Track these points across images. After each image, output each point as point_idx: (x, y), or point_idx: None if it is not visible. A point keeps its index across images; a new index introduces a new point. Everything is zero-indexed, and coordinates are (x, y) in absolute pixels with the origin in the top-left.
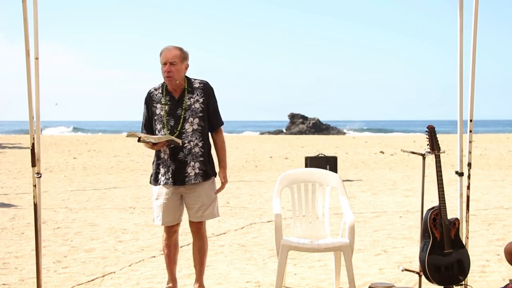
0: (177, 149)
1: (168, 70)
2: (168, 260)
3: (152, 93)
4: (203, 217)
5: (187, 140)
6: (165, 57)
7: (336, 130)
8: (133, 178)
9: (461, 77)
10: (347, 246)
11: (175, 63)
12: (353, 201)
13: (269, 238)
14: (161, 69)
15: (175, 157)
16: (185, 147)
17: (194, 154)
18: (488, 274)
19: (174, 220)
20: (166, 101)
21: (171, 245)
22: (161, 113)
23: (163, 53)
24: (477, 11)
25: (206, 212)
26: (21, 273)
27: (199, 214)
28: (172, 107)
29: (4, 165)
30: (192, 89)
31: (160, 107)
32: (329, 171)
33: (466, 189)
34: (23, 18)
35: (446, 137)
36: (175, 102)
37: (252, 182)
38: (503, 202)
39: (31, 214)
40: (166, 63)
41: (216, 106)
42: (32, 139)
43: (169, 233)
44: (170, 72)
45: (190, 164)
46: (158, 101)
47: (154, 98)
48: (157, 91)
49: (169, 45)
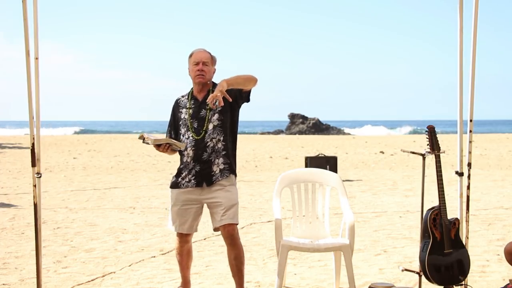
0: (200, 150)
1: (201, 68)
2: (181, 266)
3: (179, 99)
4: (222, 221)
5: (209, 139)
6: (198, 57)
7: (336, 130)
8: (133, 178)
9: (461, 77)
10: (347, 246)
11: (207, 63)
12: (353, 201)
13: (269, 238)
14: (190, 70)
15: (199, 158)
16: (208, 145)
17: (217, 151)
18: (488, 274)
19: (190, 228)
20: (190, 105)
21: (183, 254)
22: (185, 116)
23: (195, 54)
24: (477, 11)
25: (225, 215)
26: (21, 273)
27: (218, 217)
28: (196, 109)
29: (4, 165)
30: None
31: (185, 112)
32: (329, 171)
33: (466, 189)
34: (23, 18)
35: (446, 137)
36: (199, 104)
37: (252, 182)
38: (503, 202)
39: (31, 214)
40: (198, 63)
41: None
42: (32, 139)
43: (181, 242)
44: (203, 71)
45: (214, 162)
46: (184, 106)
47: (181, 104)
48: (183, 98)
49: (199, 48)
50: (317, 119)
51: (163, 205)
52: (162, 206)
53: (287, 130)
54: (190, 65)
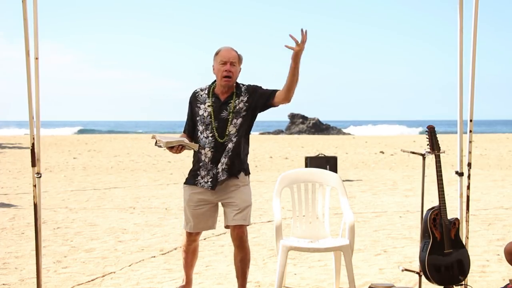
0: (219, 153)
1: (229, 69)
2: (185, 263)
3: (198, 93)
4: (234, 221)
5: (230, 142)
6: (226, 57)
7: (336, 130)
8: (133, 178)
9: (461, 77)
10: (347, 246)
11: (235, 64)
12: (353, 201)
13: (269, 238)
14: (216, 69)
15: (218, 160)
16: (228, 149)
17: (236, 154)
18: (488, 274)
19: (205, 227)
20: (211, 102)
21: (189, 251)
22: (204, 114)
23: (222, 53)
24: (477, 11)
25: (238, 216)
26: (21, 273)
27: (231, 217)
28: (217, 109)
29: (4, 165)
30: (239, 92)
31: (204, 108)
32: (329, 171)
33: (466, 189)
34: (23, 18)
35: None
36: (220, 104)
37: (252, 182)
38: (503, 202)
39: (31, 214)
40: (226, 63)
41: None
42: (32, 139)
43: (189, 240)
44: (230, 72)
45: (232, 165)
46: (203, 102)
47: (199, 99)
48: (203, 92)
49: (226, 45)
50: (317, 119)
51: (163, 205)
52: (162, 206)
53: (287, 130)
54: (216, 64)
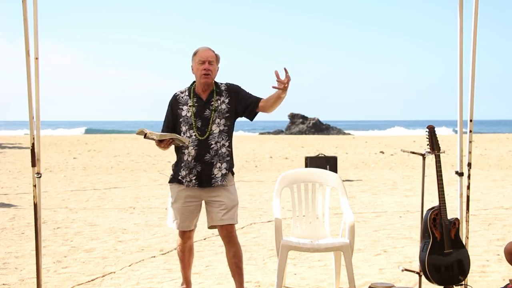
0: (203, 151)
1: (208, 68)
2: (183, 264)
3: (178, 96)
4: (223, 221)
5: (214, 141)
6: (204, 56)
7: (336, 130)
8: (133, 178)
9: (461, 77)
10: (347, 246)
11: (213, 63)
12: (353, 201)
13: (269, 238)
14: (195, 68)
15: (201, 159)
16: (212, 148)
17: (221, 155)
18: (488, 274)
19: (190, 225)
20: (193, 103)
21: (185, 250)
22: (187, 114)
23: (200, 53)
24: (477, 11)
25: (226, 216)
26: (21, 273)
27: (219, 216)
28: (200, 108)
29: (4, 165)
30: (220, 91)
31: (186, 109)
32: (329, 171)
33: (466, 189)
34: (23, 18)
35: (446, 137)
36: (203, 104)
37: (252, 182)
38: (503, 202)
39: (31, 214)
40: (204, 62)
41: (247, 92)
42: (32, 139)
43: (183, 238)
44: (209, 70)
45: (216, 165)
46: (185, 103)
47: (180, 101)
48: (183, 94)
49: (203, 46)
50: (317, 119)
51: (163, 205)
52: (162, 206)
53: (287, 130)
54: (195, 64)
